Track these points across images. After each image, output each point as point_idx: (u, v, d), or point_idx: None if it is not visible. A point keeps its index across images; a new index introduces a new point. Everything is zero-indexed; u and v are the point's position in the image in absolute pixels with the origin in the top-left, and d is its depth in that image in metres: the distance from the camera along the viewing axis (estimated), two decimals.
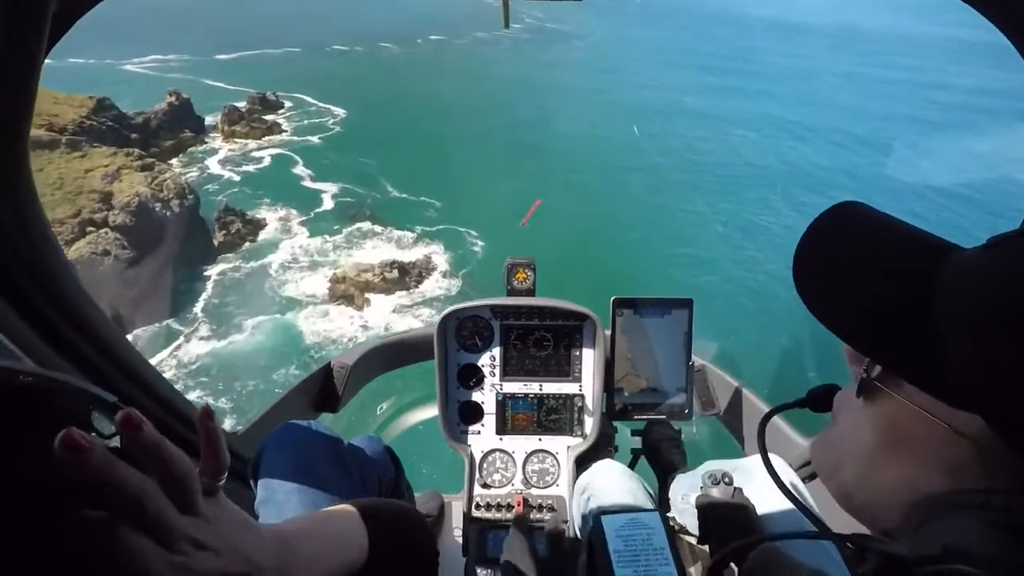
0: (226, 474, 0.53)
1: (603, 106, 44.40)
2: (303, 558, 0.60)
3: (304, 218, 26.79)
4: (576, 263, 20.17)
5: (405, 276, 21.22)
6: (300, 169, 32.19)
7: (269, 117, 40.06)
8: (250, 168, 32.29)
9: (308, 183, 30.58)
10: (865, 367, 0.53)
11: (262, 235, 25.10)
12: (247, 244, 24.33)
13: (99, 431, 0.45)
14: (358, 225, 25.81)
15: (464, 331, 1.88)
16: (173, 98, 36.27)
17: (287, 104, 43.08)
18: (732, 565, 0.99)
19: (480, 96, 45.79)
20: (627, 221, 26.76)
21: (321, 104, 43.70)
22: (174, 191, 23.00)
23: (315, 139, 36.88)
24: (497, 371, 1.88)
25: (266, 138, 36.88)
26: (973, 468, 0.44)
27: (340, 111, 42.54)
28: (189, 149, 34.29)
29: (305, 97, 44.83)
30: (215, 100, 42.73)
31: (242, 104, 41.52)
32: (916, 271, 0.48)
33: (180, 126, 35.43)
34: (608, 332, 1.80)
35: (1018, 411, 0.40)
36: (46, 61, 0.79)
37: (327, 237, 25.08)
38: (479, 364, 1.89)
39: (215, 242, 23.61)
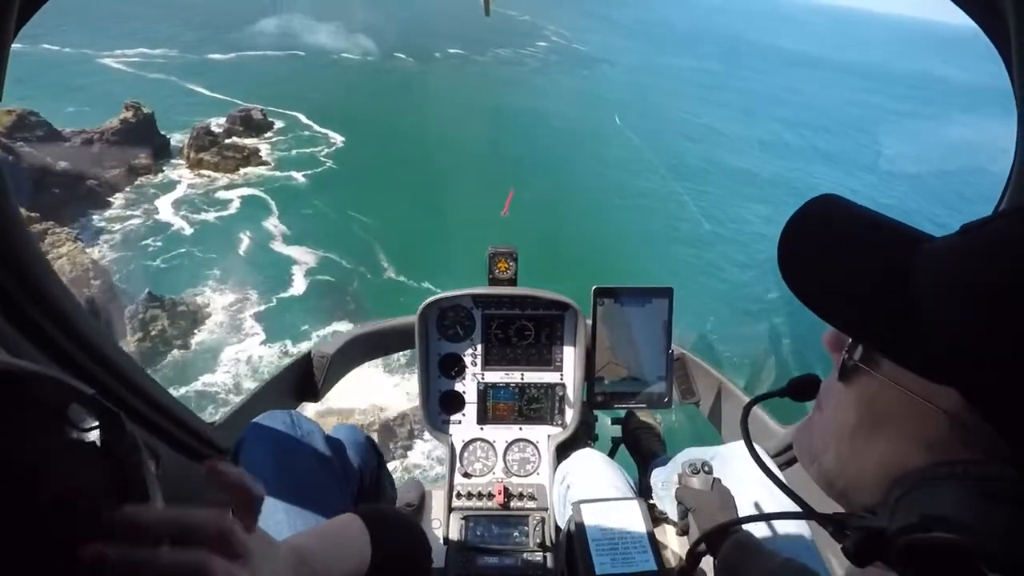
0: (260, 509, 0.55)
1: (641, 162, 37.72)
2: (316, 573, 0.66)
3: (263, 307, 19.90)
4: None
5: (389, 441, 14.31)
6: (273, 223, 25.40)
7: (249, 142, 33.34)
8: (210, 216, 25.51)
9: (279, 246, 23.77)
10: (847, 351, 0.54)
11: (198, 336, 18.16)
12: (174, 353, 17.37)
13: (76, 424, 0.44)
14: (334, 327, 18.92)
15: (445, 320, 1.87)
16: (130, 113, 29.53)
17: (276, 125, 36.41)
18: (708, 553, 1.04)
19: (500, 131, 39.21)
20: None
21: (317, 127, 37.09)
22: (70, 275, 16.13)
23: (300, 177, 30.17)
24: (479, 360, 1.89)
25: (241, 171, 30.13)
26: (950, 442, 0.45)
27: (337, 138, 35.94)
28: (139, 181, 27.52)
29: (299, 116, 38.22)
30: (193, 112, 36.11)
31: (222, 120, 34.88)
32: (895, 256, 0.50)
33: (134, 150, 28.67)
34: (589, 321, 1.80)
35: (996, 385, 0.42)
36: (14, 44, 0.71)
37: (288, 345, 18.18)
38: (461, 354, 1.89)
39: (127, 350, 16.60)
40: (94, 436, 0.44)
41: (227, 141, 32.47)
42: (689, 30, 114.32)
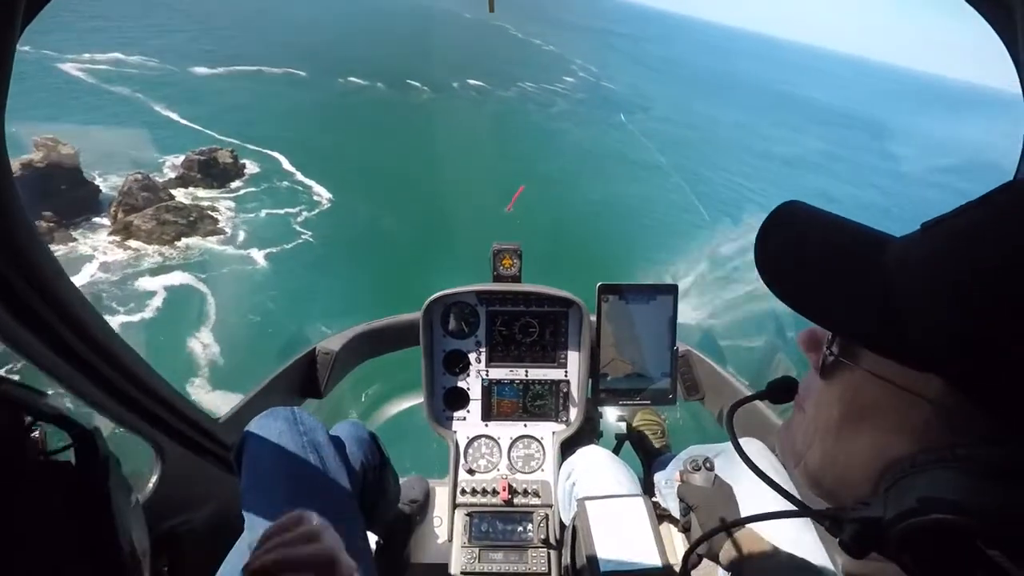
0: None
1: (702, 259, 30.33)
2: None
3: None
4: None
5: None
6: (203, 340, 17.70)
7: (206, 195, 25.86)
8: (116, 321, 17.68)
9: (201, 391, 15.92)
10: (827, 346, 0.55)
11: None
12: None
13: (44, 447, 0.43)
14: None
15: (450, 317, 1.90)
16: (39, 155, 22.03)
17: (248, 170, 28.96)
18: (712, 549, 1.07)
19: (529, 187, 31.88)
20: None
21: (300, 177, 29.69)
22: None
23: (260, 258, 22.52)
24: (483, 357, 1.92)
25: (183, 241, 22.53)
26: (935, 428, 0.46)
27: (324, 193, 28.55)
28: None
29: (281, 159, 30.87)
30: (150, 146, 28.70)
31: (180, 161, 27.45)
32: (868, 254, 0.52)
33: (36, 208, 21.09)
34: (593, 318, 1.82)
35: (978, 369, 0.43)
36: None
37: None
38: (465, 350, 1.92)
39: None
40: (62, 457, 0.41)
41: (176, 192, 24.98)
42: (717, 74, 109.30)
